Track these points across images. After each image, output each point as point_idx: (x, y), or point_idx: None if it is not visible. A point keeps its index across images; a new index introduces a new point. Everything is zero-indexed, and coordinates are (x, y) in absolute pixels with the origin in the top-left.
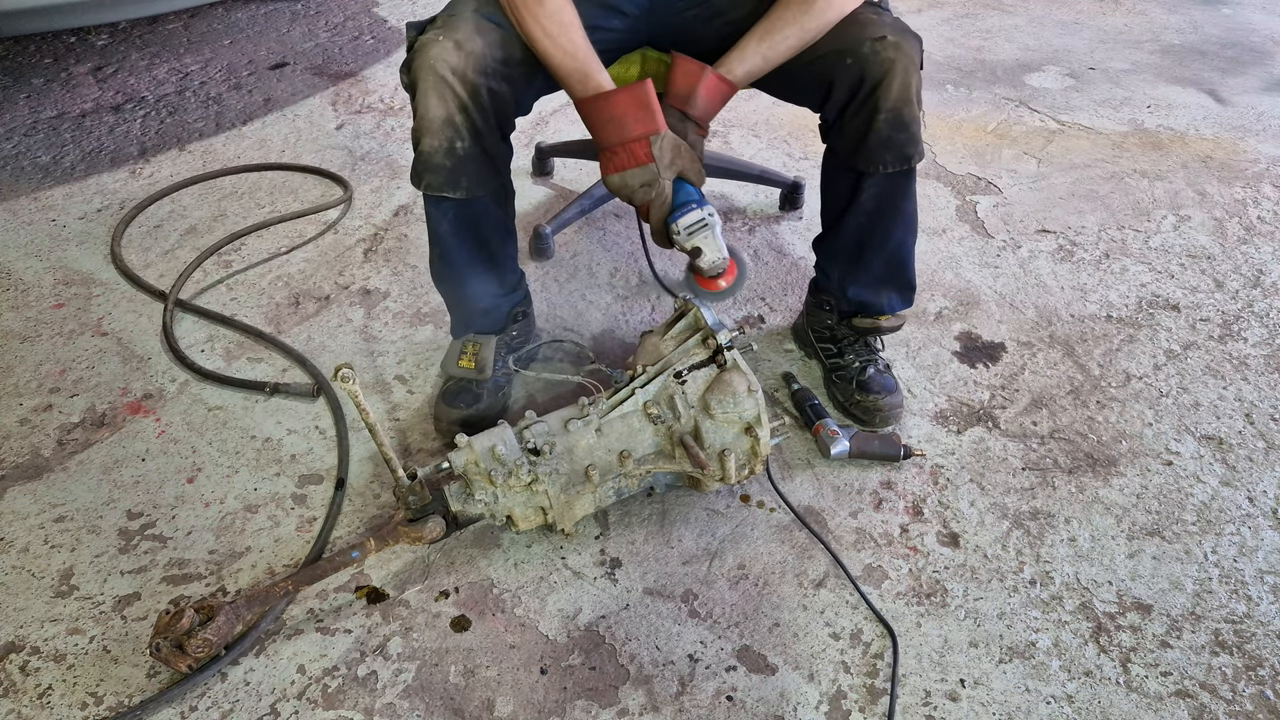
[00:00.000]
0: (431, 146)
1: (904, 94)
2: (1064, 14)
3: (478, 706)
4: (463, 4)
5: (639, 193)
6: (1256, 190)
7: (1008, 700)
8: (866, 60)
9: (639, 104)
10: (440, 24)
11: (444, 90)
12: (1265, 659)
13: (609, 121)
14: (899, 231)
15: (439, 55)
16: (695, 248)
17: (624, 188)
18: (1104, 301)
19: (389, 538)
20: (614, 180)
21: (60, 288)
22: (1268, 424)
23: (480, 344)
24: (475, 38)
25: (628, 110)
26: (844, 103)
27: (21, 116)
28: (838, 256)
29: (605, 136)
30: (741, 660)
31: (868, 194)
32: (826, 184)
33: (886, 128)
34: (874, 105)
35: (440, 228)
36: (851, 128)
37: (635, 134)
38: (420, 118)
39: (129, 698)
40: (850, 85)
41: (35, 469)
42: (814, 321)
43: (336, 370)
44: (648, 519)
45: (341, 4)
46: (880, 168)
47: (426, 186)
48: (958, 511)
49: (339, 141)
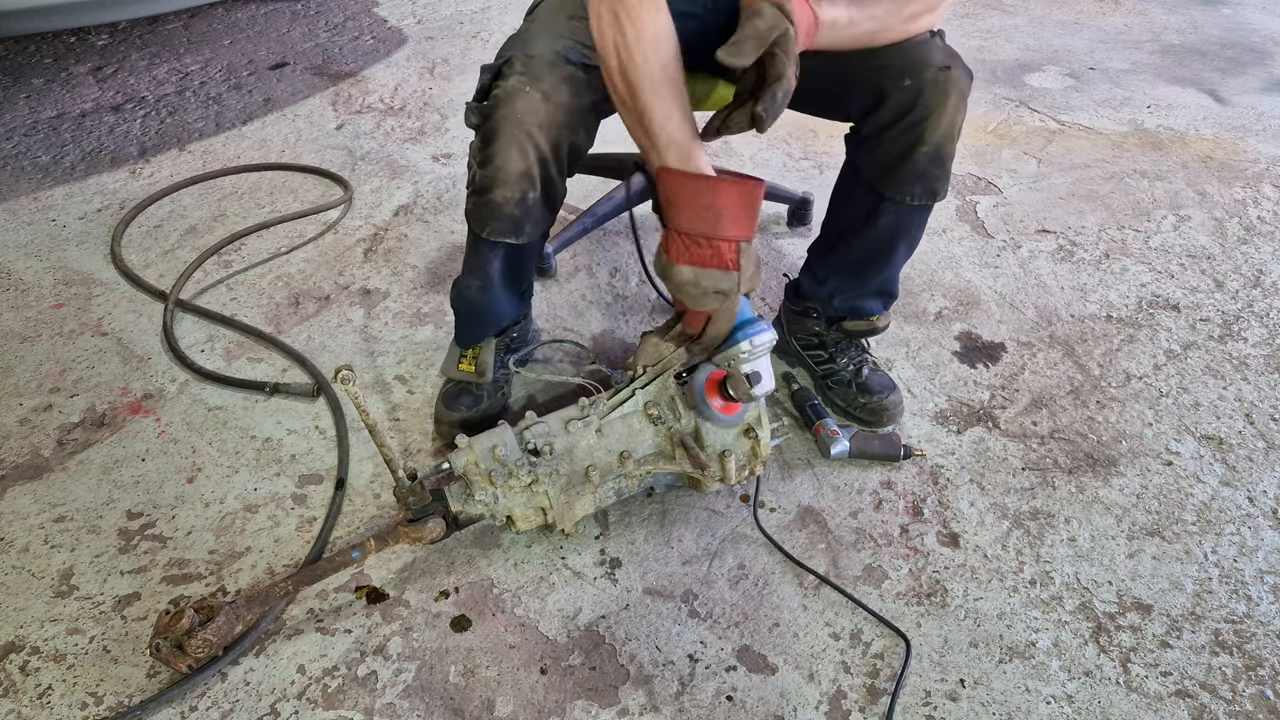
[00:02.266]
0: (504, 198)
1: (950, 131)
2: (1064, 14)
3: (478, 706)
4: (541, 39)
5: (710, 299)
6: (1256, 190)
7: (1008, 700)
8: (926, 88)
9: (746, 204)
10: (521, 68)
11: (526, 145)
12: (1265, 659)
13: (705, 209)
14: (904, 257)
15: (526, 110)
16: (755, 372)
17: (695, 286)
18: (1104, 301)
19: (389, 538)
20: (685, 274)
21: (60, 288)
22: (1268, 424)
23: (480, 346)
24: (562, 88)
25: (730, 206)
26: (889, 123)
27: (21, 116)
28: (839, 272)
29: (692, 222)
30: (741, 660)
31: (885, 221)
32: (841, 199)
33: (925, 161)
34: (919, 135)
35: (490, 267)
36: (888, 150)
37: (729, 234)
38: (496, 169)
39: (129, 698)
40: (901, 107)
41: (35, 469)
42: (797, 330)
43: (336, 372)
44: (648, 519)
45: (341, 4)
46: (908, 199)
47: (490, 233)
48: (958, 511)
49: (339, 141)
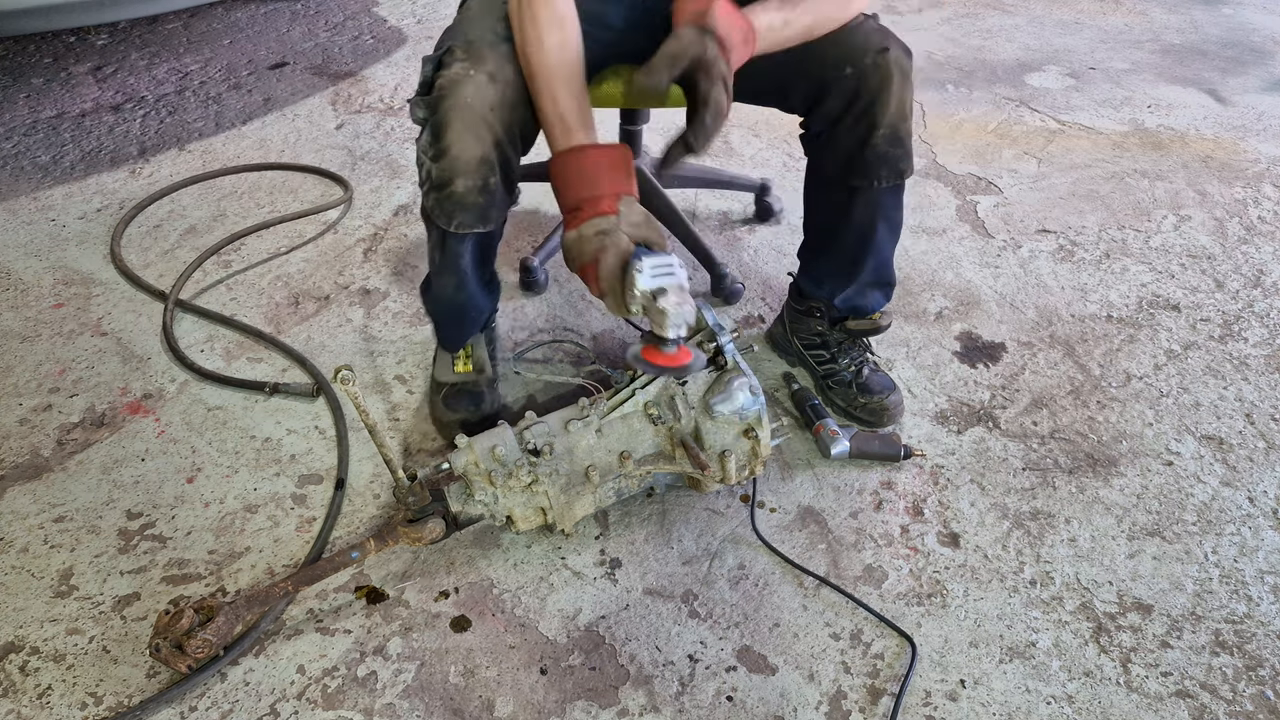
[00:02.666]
0: (466, 187)
1: (901, 110)
2: (1064, 14)
3: (477, 707)
4: (478, 23)
5: (592, 241)
6: (1257, 190)
7: (1008, 700)
8: (867, 73)
9: (617, 162)
10: (463, 54)
11: (481, 129)
12: (1265, 659)
13: (581, 175)
14: (890, 240)
15: (474, 94)
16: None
17: (578, 240)
18: (1104, 301)
19: (389, 538)
20: (569, 236)
21: (60, 288)
22: (1268, 424)
23: (470, 345)
24: (506, 66)
25: (603, 166)
26: (838, 115)
27: (21, 116)
28: (831, 270)
29: (577, 192)
30: (742, 660)
31: (860, 209)
32: (813, 198)
33: (884, 144)
34: (872, 121)
35: (462, 261)
36: (845, 142)
37: (605, 190)
38: (454, 159)
39: (129, 698)
40: (846, 97)
41: (35, 469)
42: (800, 329)
43: (336, 372)
44: (648, 519)
45: (341, 4)
46: (876, 183)
47: (458, 226)
48: (958, 511)
49: (339, 141)
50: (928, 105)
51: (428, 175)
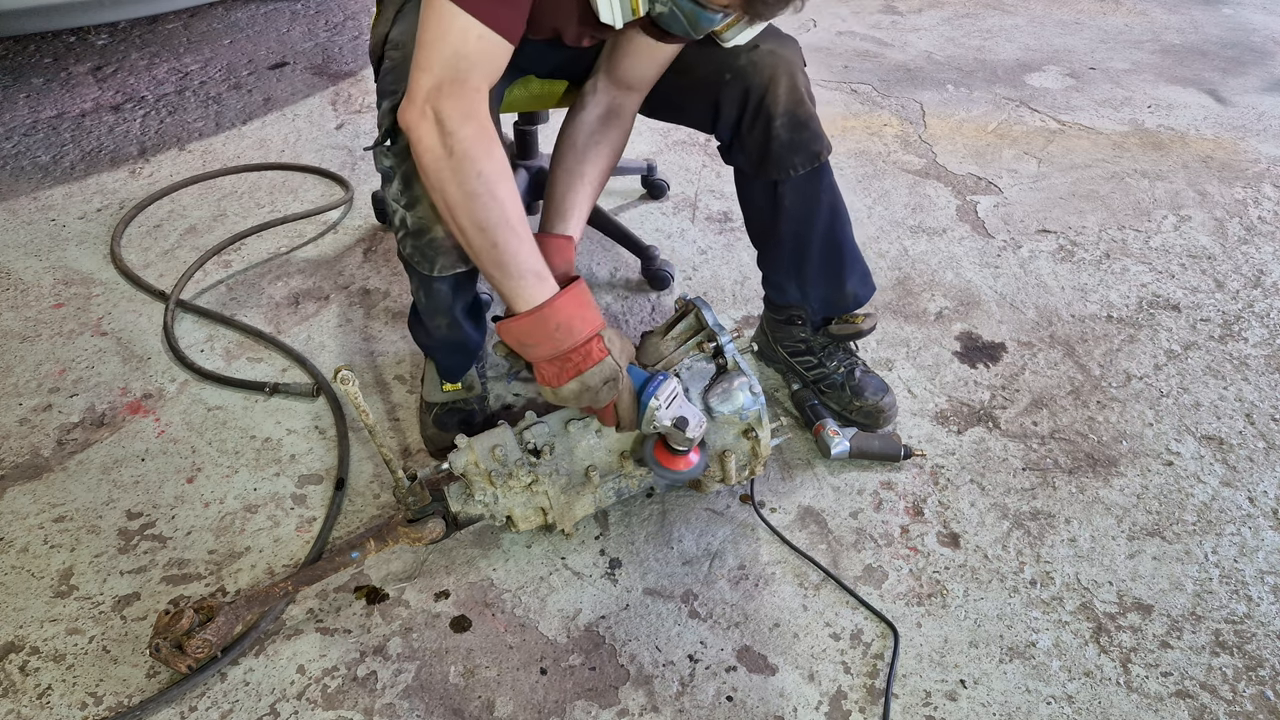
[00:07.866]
0: (446, 230)
1: (794, 94)
2: (1064, 14)
3: (477, 707)
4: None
5: (604, 392)
6: (1257, 190)
7: (1008, 700)
8: (746, 72)
9: (581, 302)
10: None
11: None
12: (1265, 659)
13: (556, 331)
14: (831, 224)
15: None
16: (680, 418)
17: (585, 392)
18: (1104, 301)
19: (389, 538)
20: (572, 388)
21: (60, 287)
22: (1268, 424)
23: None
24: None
25: (573, 312)
26: (736, 119)
27: (21, 116)
28: (784, 268)
29: (556, 346)
30: (742, 660)
31: (789, 200)
32: (745, 201)
33: (786, 132)
34: (767, 114)
35: (449, 301)
36: (751, 141)
37: (586, 334)
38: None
39: (129, 698)
40: (737, 100)
41: (35, 469)
42: (783, 338)
43: (336, 372)
44: (648, 519)
45: (341, 4)
46: (792, 172)
47: (440, 269)
48: (958, 512)
49: (339, 141)
50: (928, 105)
51: (402, 222)
